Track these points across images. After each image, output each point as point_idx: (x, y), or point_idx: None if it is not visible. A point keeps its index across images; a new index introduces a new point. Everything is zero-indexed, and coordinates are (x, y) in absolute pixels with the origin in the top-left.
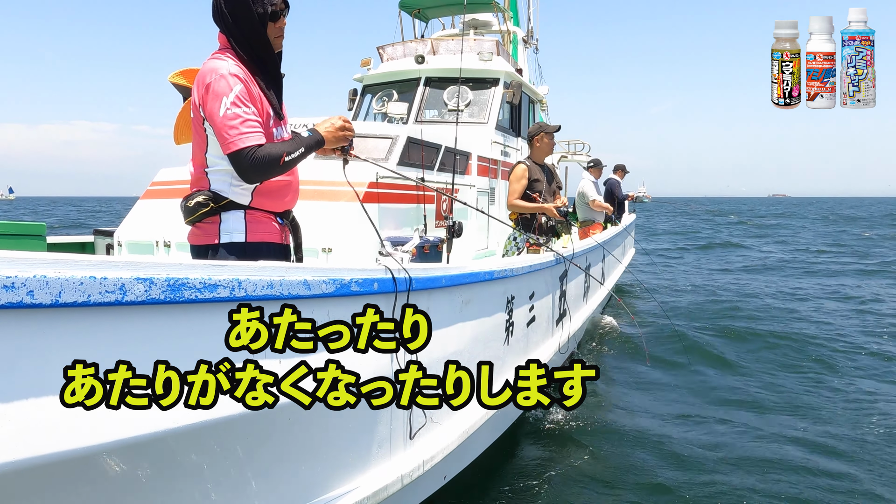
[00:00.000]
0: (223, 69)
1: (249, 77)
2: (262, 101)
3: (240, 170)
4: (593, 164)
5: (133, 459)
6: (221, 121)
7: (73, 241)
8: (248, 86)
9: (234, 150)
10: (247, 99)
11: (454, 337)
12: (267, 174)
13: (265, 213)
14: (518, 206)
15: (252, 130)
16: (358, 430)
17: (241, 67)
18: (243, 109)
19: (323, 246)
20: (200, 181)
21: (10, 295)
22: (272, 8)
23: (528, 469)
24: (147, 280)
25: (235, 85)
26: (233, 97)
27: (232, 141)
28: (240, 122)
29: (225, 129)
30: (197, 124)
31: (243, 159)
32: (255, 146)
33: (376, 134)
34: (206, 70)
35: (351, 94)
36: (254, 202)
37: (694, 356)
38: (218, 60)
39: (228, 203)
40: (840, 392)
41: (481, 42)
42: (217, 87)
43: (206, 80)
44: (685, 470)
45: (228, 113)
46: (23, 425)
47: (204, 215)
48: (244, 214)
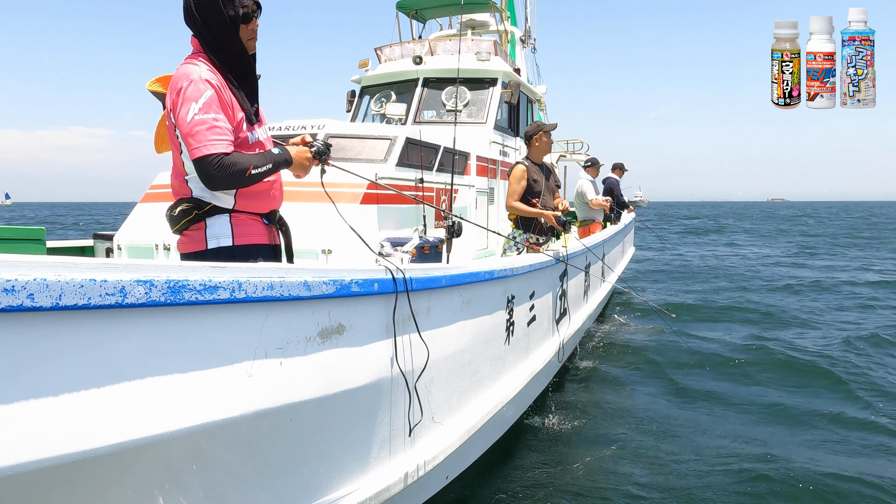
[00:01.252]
0: (195, 74)
1: (222, 82)
2: (233, 106)
3: (204, 176)
4: (591, 163)
5: (133, 463)
6: (189, 126)
7: (73, 245)
8: (220, 92)
9: (199, 157)
10: (216, 105)
11: (455, 337)
12: (231, 183)
13: (250, 216)
14: (516, 208)
15: (218, 138)
16: (358, 430)
17: (213, 73)
18: (212, 116)
19: (322, 247)
20: (181, 188)
21: (11, 298)
22: (243, 10)
23: (527, 469)
24: (147, 282)
25: (206, 90)
26: (201, 103)
27: (197, 147)
28: (206, 128)
29: (191, 135)
30: (171, 130)
31: (208, 166)
32: (220, 154)
33: (375, 135)
34: (178, 75)
35: (349, 95)
36: (238, 205)
37: (701, 359)
38: (191, 65)
39: (212, 208)
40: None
41: (479, 42)
42: (187, 92)
43: (178, 86)
44: (686, 470)
45: (196, 118)
46: (24, 429)
47: (189, 223)
48: (229, 218)
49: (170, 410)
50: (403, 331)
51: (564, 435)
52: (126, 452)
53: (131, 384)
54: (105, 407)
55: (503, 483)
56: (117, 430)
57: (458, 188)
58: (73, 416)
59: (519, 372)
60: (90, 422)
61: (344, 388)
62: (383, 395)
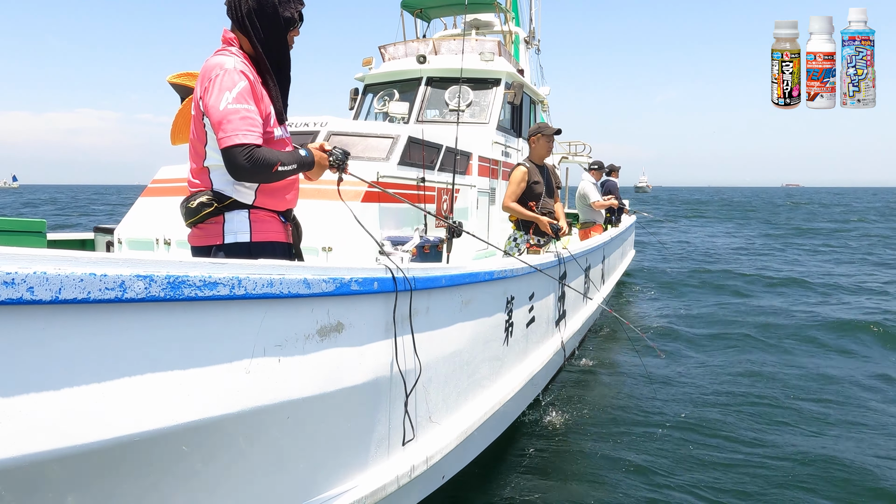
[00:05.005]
0: (229, 65)
1: (255, 76)
2: (265, 100)
3: (232, 166)
4: (596, 166)
5: (131, 458)
6: (221, 114)
7: (74, 238)
8: (254, 84)
9: (230, 145)
10: (250, 97)
11: (454, 337)
12: (257, 176)
13: (269, 213)
14: (512, 209)
15: (250, 129)
16: (356, 428)
17: (248, 65)
18: (244, 106)
19: (323, 245)
20: (201, 179)
21: (11, 291)
22: (296, 14)
23: (524, 469)
24: (147, 277)
25: (240, 81)
26: (235, 93)
27: (227, 136)
28: (239, 118)
29: (224, 123)
30: (197, 119)
31: (238, 155)
32: (252, 145)
33: (377, 133)
34: (211, 64)
35: (352, 93)
36: (257, 201)
37: (706, 348)
38: (224, 56)
39: (232, 203)
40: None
41: (483, 42)
42: (222, 81)
43: (212, 74)
44: (686, 470)
45: (230, 108)
46: (23, 422)
47: (208, 216)
48: (248, 214)
49: (168, 406)
50: (403, 330)
51: (563, 435)
52: (124, 447)
53: (130, 379)
54: (103, 401)
55: (499, 483)
56: (115, 424)
57: (459, 188)
58: (72, 410)
59: (517, 373)
60: (89, 416)
61: (342, 386)
62: (382, 393)
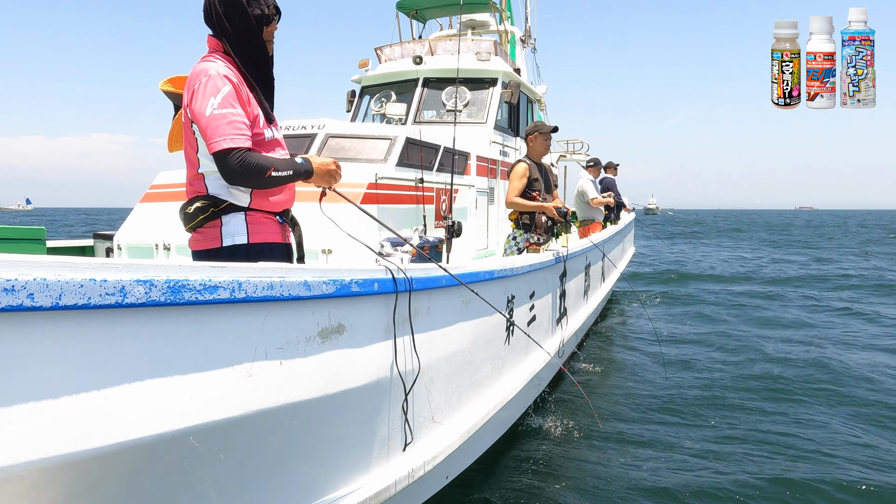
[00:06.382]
0: (213, 70)
1: (240, 79)
2: (251, 103)
3: (225, 170)
4: (593, 163)
5: (134, 463)
6: (208, 120)
7: (73, 245)
8: (238, 88)
9: (220, 150)
10: (235, 100)
11: (455, 337)
12: (249, 181)
13: (265, 214)
14: (517, 203)
15: (238, 133)
16: (359, 430)
17: (231, 69)
18: (230, 111)
19: (323, 247)
20: (196, 185)
21: (11, 298)
22: (267, 11)
23: (527, 469)
24: (147, 282)
25: (224, 85)
26: (220, 98)
27: (216, 140)
28: (226, 122)
29: (211, 129)
30: (187, 127)
31: (230, 159)
32: (241, 148)
33: (375, 135)
34: (196, 71)
35: (349, 95)
36: (253, 203)
37: (706, 356)
38: (209, 62)
39: (228, 206)
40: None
41: (479, 42)
42: (206, 87)
43: (196, 81)
44: (687, 471)
45: (215, 113)
46: (25, 428)
47: (205, 220)
48: (245, 216)
49: (170, 410)
50: (403, 331)
51: (564, 434)
52: (126, 452)
53: (131, 384)
54: (105, 407)
55: (503, 482)
56: (117, 429)
57: (458, 188)
58: (73, 416)
59: (519, 372)
60: (90, 421)
61: (344, 387)
62: (383, 394)
